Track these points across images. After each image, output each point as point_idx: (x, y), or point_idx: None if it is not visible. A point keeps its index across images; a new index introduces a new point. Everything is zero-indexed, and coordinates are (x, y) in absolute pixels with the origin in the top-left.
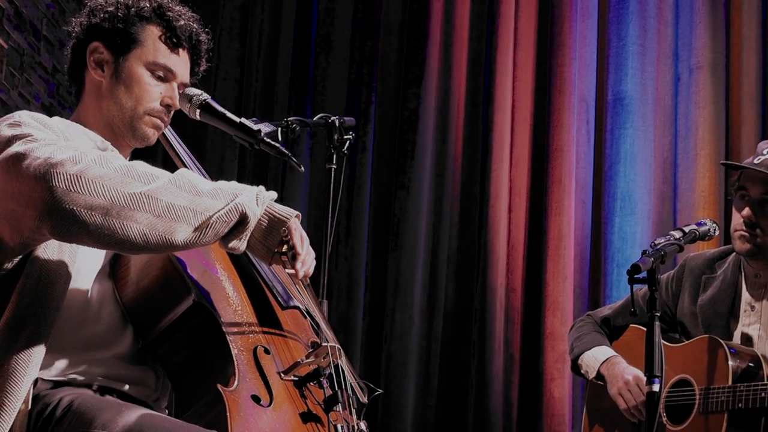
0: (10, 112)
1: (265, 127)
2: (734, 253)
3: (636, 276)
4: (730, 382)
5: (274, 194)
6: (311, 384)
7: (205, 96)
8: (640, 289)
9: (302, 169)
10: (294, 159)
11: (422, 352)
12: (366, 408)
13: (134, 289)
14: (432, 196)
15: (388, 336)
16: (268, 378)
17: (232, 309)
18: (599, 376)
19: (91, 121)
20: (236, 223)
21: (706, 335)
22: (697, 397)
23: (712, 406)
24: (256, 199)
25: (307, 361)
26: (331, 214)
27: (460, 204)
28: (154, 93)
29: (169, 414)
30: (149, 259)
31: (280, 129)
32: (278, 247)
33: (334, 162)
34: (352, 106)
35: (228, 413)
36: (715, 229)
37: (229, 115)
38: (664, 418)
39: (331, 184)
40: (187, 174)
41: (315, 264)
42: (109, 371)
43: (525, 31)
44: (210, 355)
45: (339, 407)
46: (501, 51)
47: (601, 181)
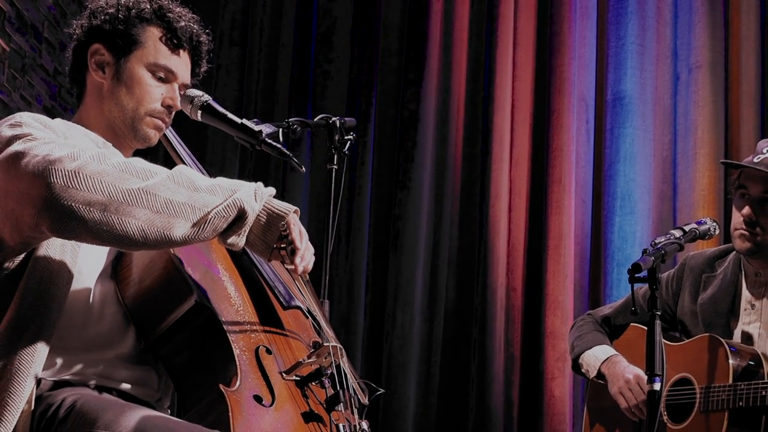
0: (12, 114)
1: (266, 128)
2: (734, 252)
3: (637, 275)
4: (731, 381)
5: (272, 190)
6: (313, 384)
7: (207, 97)
8: (641, 288)
9: (303, 169)
10: (295, 159)
11: (423, 352)
12: (367, 408)
13: (136, 289)
14: (432, 195)
15: (389, 335)
16: (270, 378)
17: (234, 309)
18: (600, 375)
19: (93, 123)
20: (234, 219)
21: (707, 334)
22: (698, 396)
23: (713, 404)
24: (255, 194)
25: (309, 360)
26: (331, 215)
27: (461, 204)
28: (155, 94)
29: (172, 414)
30: (151, 259)
31: (281, 130)
32: (277, 243)
33: (335, 162)
34: (353, 107)
35: (230, 413)
36: (715, 228)
37: (230, 116)
38: (665, 417)
39: (332, 185)
40: (185, 170)
41: (314, 259)
42: (111, 371)
43: (524, 31)
44: (212, 355)
45: (341, 407)
46: (500, 51)
47: (601, 181)
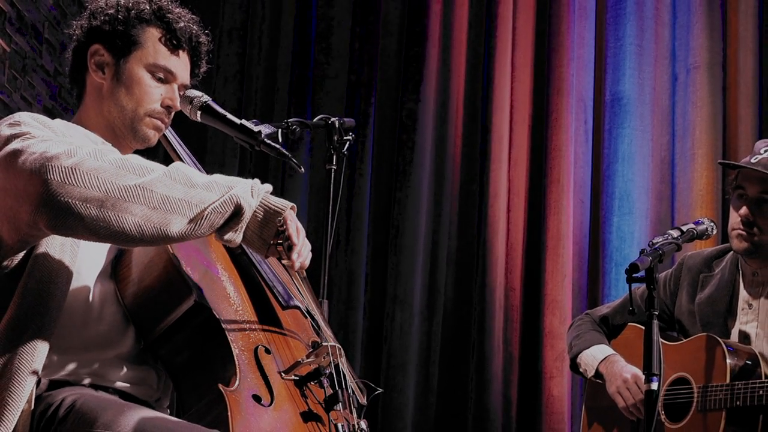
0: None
1: (265, 129)
2: (732, 252)
3: (634, 275)
4: (728, 380)
5: (269, 187)
6: (312, 383)
7: (206, 98)
8: (639, 288)
9: (302, 170)
10: (294, 160)
11: (422, 351)
12: (366, 407)
13: (136, 289)
14: (431, 196)
15: (388, 335)
16: (269, 377)
17: (233, 309)
18: (598, 374)
19: (92, 123)
20: (231, 215)
21: (704, 333)
22: (696, 395)
23: (711, 404)
24: (251, 191)
25: (308, 360)
26: (331, 215)
27: (459, 204)
28: (155, 94)
29: (171, 414)
30: (151, 259)
31: (280, 130)
32: (274, 239)
33: (334, 163)
34: (352, 107)
35: (229, 413)
36: (712, 228)
37: (229, 116)
38: (663, 416)
39: (331, 185)
40: (182, 167)
41: (311, 256)
42: (111, 371)
43: (523, 32)
44: (211, 355)
45: (339, 406)
46: (499, 52)
47: (600, 181)
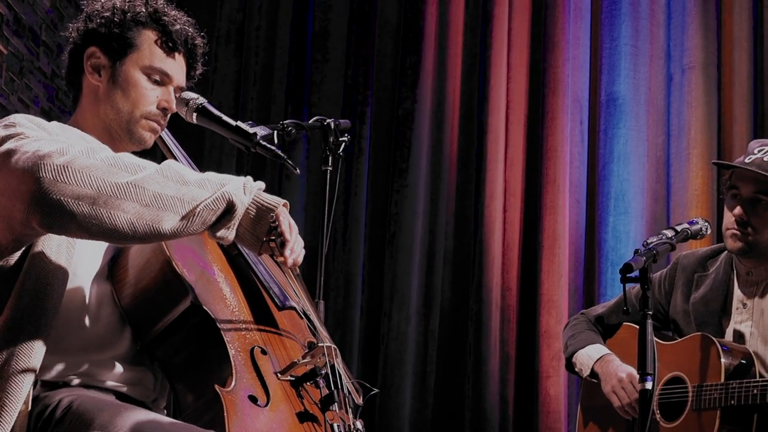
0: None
1: (260, 131)
2: (726, 252)
3: (628, 275)
4: (723, 380)
5: (261, 184)
6: (308, 384)
7: (202, 100)
8: (633, 288)
9: (297, 171)
10: (290, 162)
11: (419, 351)
12: (362, 408)
13: (132, 290)
14: (428, 196)
15: (385, 335)
16: (265, 378)
17: (229, 310)
18: (593, 374)
19: (89, 125)
20: (223, 212)
21: (699, 333)
22: (690, 395)
23: (705, 403)
24: (244, 188)
25: (304, 361)
26: (327, 215)
27: (456, 204)
28: (151, 97)
29: (168, 414)
30: (147, 261)
31: (276, 132)
32: (267, 236)
33: (330, 164)
34: (349, 108)
35: (225, 413)
36: (706, 228)
37: (225, 118)
38: (658, 416)
39: (327, 186)
40: (174, 165)
41: (304, 253)
42: (107, 372)
43: (519, 32)
44: (207, 355)
45: (335, 407)
46: (495, 52)
47: (595, 181)
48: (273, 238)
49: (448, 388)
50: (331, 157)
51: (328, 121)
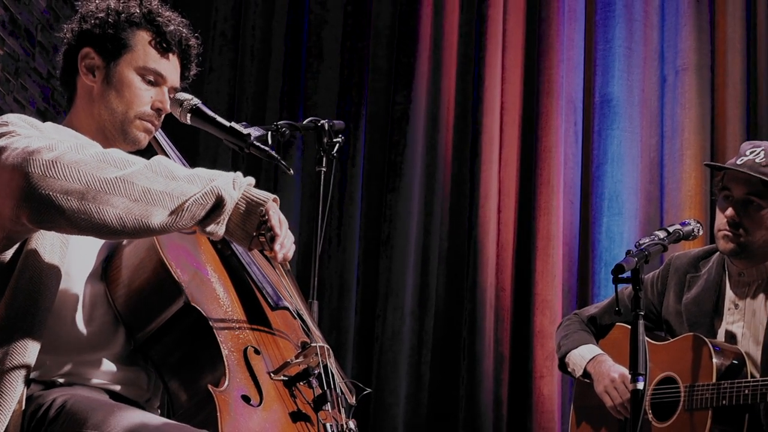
0: None
1: (254, 131)
2: (718, 252)
3: (620, 276)
4: (715, 380)
5: (251, 179)
6: (301, 383)
7: (196, 101)
8: (626, 288)
9: (291, 172)
10: (283, 162)
11: (413, 351)
12: (355, 407)
13: (126, 291)
14: (422, 197)
15: (380, 335)
16: (258, 378)
17: (223, 310)
18: (586, 374)
19: (83, 126)
20: (213, 207)
21: (691, 333)
22: (682, 395)
23: (697, 403)
24: (233, 183)
25: (297, 361)
26: (321, 216)
27: (450, 205)
28: (145, 97)
29: (161, 414)
30: (141, 261)
31: (270, 133)
32: (257, 231)
33: (324, 165)
34: (344, 109)
35: (218, 413)
36: (698, 229)
37: (219, 119)
38: (650, 415)
39: (321, 186)
40: (164, 160)
41: (294, 248)
42: (101, 372)
43: (513, 34)
44: (201, 355)
45: (328, 406)
46: (489, 54)
47: (589, 182)
48: (263, 232)
49: (443, 388)
50: (325, 158)
51: (322, 121)
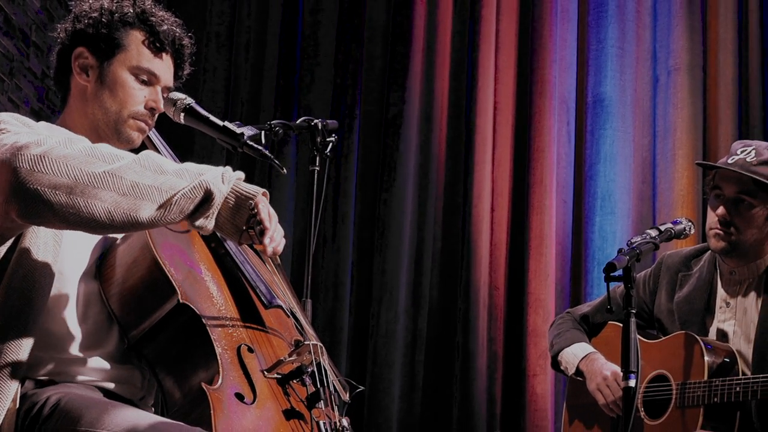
0: None
1: (248, 131)
2: (710, 251)
3: (612, 274)
4: (706, 377)
5: (241, 174)
6: (294, 381)
7: (189, 100)
8: (618, 287)
9: (284, 171)
10: (276, 161)
11: (407, 350)
12: (349, 405)
13: (120, 289)
14: (416, 196)
15: (374, 334)
16: (252, 376)
17: (216, 308)
18: (578, 372)
19: (77, 125)
20: (201, 200)
21: (683, 331)
22: (674, 392)
23: (689, 400)
24: (222, 177)
25: (290, 359)
26: (314, 215)
27: (444, 204)
28: (139, 97)
29: (155, 412)
30: (134, 259)
31: (264, 132)
32: (246, 225)
33: (318, 164)
34: (338, 109)
35: (212, 411)
36: (690, 228)
37: (212, 118)
38: (642, 413)
39: (315, 186)
40: (152, 155)
41: (284, 242)
42: (95, 370)
43: (506, 34)
44: (194, 353)
45: (321, 404)
46: (483, 54)
47: (582, 181)
48: (253, 226)
49: (436, 387)
50: (318, 157)
51: (316, 121)
